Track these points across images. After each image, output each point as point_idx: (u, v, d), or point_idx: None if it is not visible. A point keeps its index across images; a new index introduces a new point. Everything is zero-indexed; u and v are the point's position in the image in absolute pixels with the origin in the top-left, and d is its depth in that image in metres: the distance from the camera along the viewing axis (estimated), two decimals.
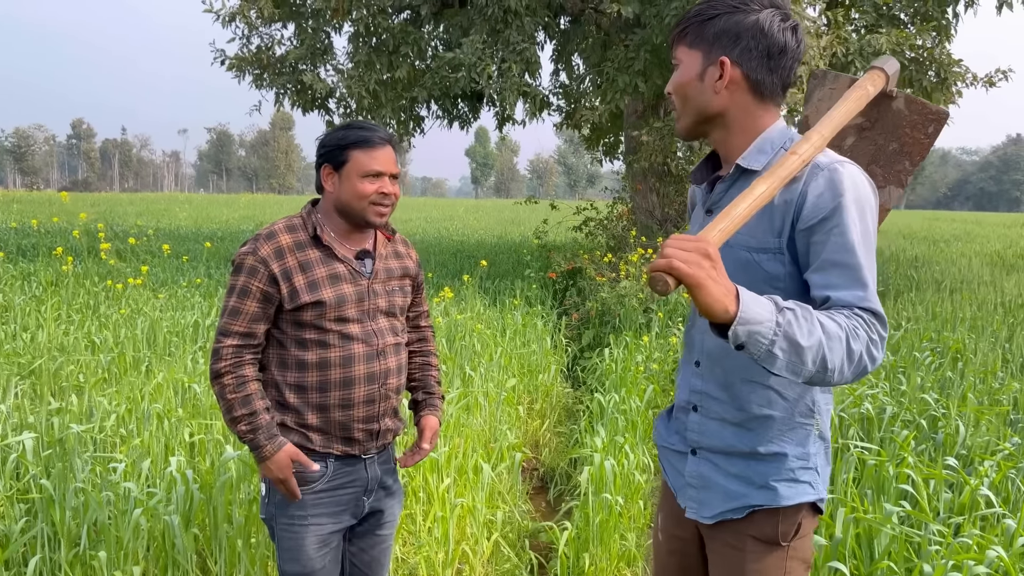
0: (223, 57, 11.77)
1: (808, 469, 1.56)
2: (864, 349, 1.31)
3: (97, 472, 3.45)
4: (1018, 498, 3.28)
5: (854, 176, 1.43)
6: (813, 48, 9.09)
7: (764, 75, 1.49)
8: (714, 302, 1.21)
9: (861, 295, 1.36)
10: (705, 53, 1.50)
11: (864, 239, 1.40)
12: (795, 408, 1.54)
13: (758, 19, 1.47)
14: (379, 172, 2.07)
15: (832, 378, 1.30)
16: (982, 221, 40.34)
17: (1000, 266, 14.10)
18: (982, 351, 6.05)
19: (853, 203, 1.40)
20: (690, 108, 1.55)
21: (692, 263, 1.20)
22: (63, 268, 8.61)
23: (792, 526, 1.55)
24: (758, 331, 1.24)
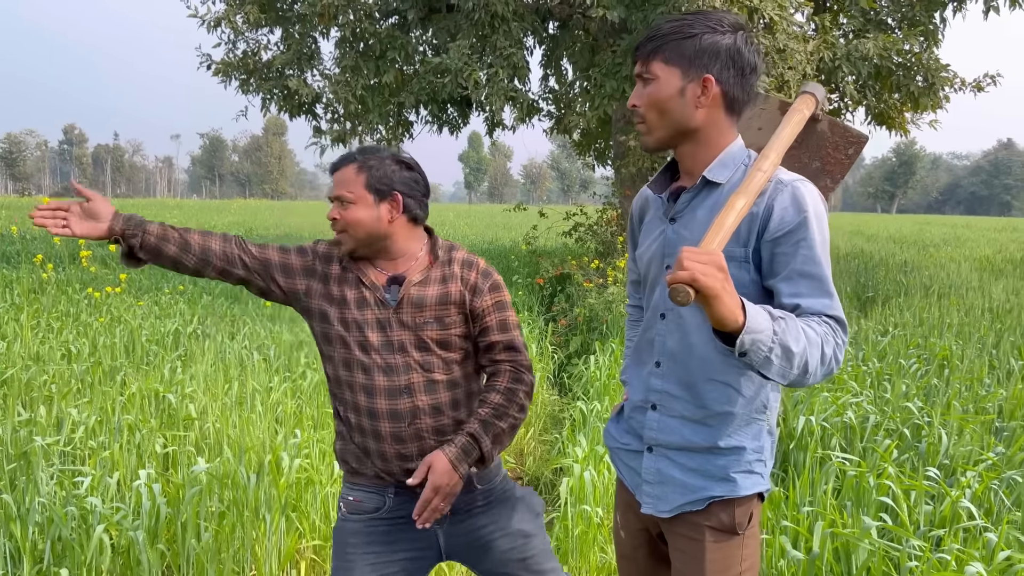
0: (209, 62, 11.69)
1: (761, 461, 1.68)
2: (832, 353, 1.43)
3: (63, 486, 3.38)
4: (1001, 510, 3.23)
5: (813, 193, 1.55)
6: (800, 53, 9.07)
7: (738, 92, 1.60)
8: (727, 312, 1.29)
9: (828, 303, 1.48)
10: (684, 70, 1.57)
11: (824, 251, 1.52)
12: (752, 405, 1.64)
13: (735, 40, 1.58)
14: (331, 197, 2.01)
15: (808, 380, 1.42)
16: (972, 225, 40.47)
17: (989, 271, 14.10)
18: (968, 358, 6.02)
19: (815, 218, 1.51)
20: (668, 122, 1.62)
21: (710, 275, 1.27)
22: (44, 276, 8.52)
23: (746, 515, 1.67)
24: (760, 339, 1.34)
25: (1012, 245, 22.09)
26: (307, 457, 3.68)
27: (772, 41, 8.69)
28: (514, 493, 2.16)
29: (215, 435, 3.91)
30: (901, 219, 58.80)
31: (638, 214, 1.88)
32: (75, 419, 4.02)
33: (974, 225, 40.74)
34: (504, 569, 2.10)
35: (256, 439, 3.83)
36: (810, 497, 3.35)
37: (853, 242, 23.57)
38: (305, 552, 3.39)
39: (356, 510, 2.05)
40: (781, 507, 3.33)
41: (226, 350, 5.87)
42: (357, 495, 2.05)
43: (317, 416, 4.39)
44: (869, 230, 32.73)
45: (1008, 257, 16.97)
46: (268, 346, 6.04)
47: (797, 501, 3.29)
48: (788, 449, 4.10)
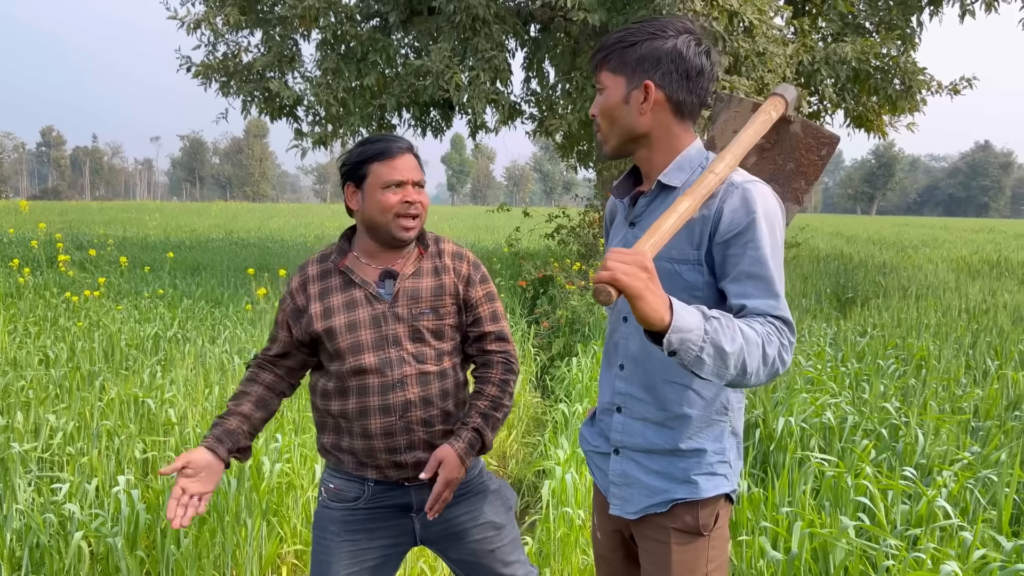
0: (189, 64, 11.62)
1: (723, 463, 1.68)
2: (776, 354, 1.43)
3: (41, 492, 3.35)
4: (976, 509, 3.27)
5: (765, 194, 1.55)
6: (780, 56, 9.14)
7: (684, 96, 1.60)
8: (651, 311, 1.30)
9: (773, 304, 1.48)
10: (628, 78, 1.60)
11: (774, 252, 1.52)
12: (711, 407, 1.66)
13: (676, 44, 1.58)
14: (401, 181, 1.98)
15: (749, 380, 1.41)
16: (950, 226, 40.91)
17: (966, 272, 14.27)
18: (945, 358, 6.09)
19: (764, 219, 1.52)
20: (617, 129, 1.65)
21: (632, 275, 1.29)
22: (20, 280, 8.43)
23: (711, 516, 1.68)
24: (689, 338, 1.33)
25: (988, 246, 22.36)
26: (288, 462, 3.66)
27: (752, 44, 8.76)
28: (489, 486, 2.21)
29: (195, 440, 3.89)
30: (880, 220, 59.35)
31: (609, 218, 1.94)
32: (53, 425, 3.99)
33: (952, 226, 41.19)
34: (473, 558, 2.16)
35: None
36: (789, 497, 3.38)
37: (833, 243, 23.77)
38: (286, 557, 3.38)
39: (336, 498, 2.09)
40: (760, 508, 3.35)
41: (206, 354, 5.83)
42: (337, 483, 2.09)
43: (298, 420, 4.37)
44: (848, 231, 33.01)
45: (984, 258, 17.17)
46: (249, 350, 6.01)
47: (776, 501, 3.32)
48: (768, 450, 4.14)
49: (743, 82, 8.80)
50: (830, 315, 8.70)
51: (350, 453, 2.06)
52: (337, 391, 2.04)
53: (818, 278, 12.35)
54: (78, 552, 2.90)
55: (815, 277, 12.49)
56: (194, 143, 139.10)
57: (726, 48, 8.66)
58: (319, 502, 2.14)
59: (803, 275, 12.76)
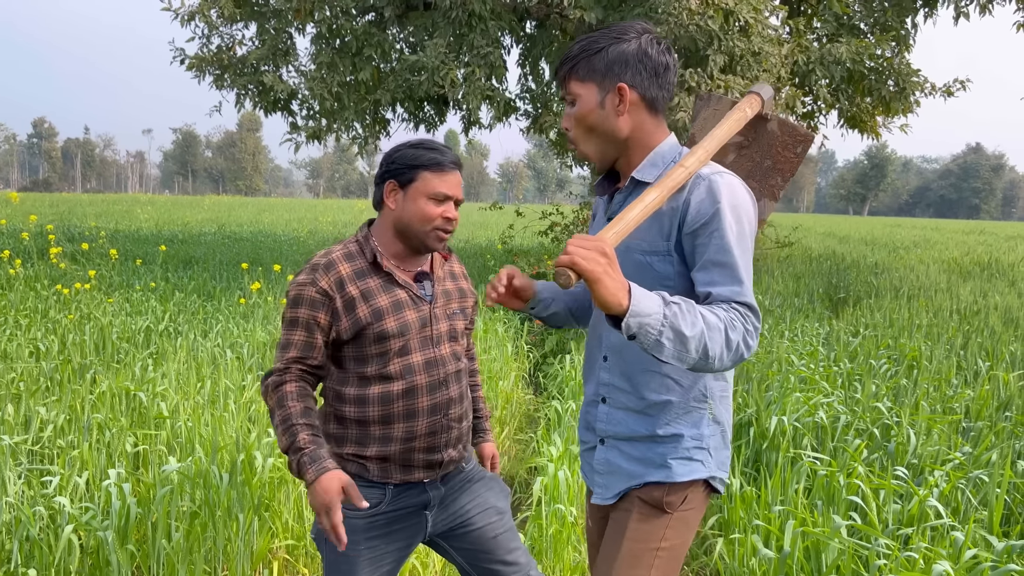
0: (183, 56, 11.55)
1: (701, 449, 1.72)
2: (741, 339, 1.47)
3: (31, 485, 3.32)
4: (968, 509, 3.28)
5: (732, 184, 1.60)
6: (775, 56, 9.16)
7: (656, 92, 1.66)
8: (609, 295, 1.36)
9: (737, 290, 1.52)
10: (599, 83, 1.65)
11: (739, 240, 1.56)
12: (689, 394, 1.70)
13: (640, 44, 1.64)
14: (447, 196, 2.00)
15: (713, 365, 1.46)
16: (941, 228, 41.09)
17: (957, 273, 14.33)
18: (937, 358, 6.11)
19: (729, 209, 1.56)
20: (596, 136, 1.69)
21: (591, 260, 1.35)
22: (11, 272, 8.38)
23: (679, 497, 1.71)
24: (647, 322, 1.39)
25: (979, 248, 22.47)
26: (280, 456, 3.65)
27: (747, 44, 8.77)
28: (486, 474, 2.27)
29: (187, 434, 3.87)
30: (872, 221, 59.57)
31: (593, 215, 2.01)
32: (43, 417, 3.96)
33: (943, 228, 41.38)
34: (479, 546, 2.17)
35: (228, 438, 3.79)
36: (782, 496, 3.39)
37: (825, 243, 23.85)
38: (278, 552, 3.37)
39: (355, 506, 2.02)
40: (753, 506, 3.36)
41: (198, 348, 5.81)
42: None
43: None
44: (841, 232, 33.12)
45: (976, 259, 17.25)
46: (241, 344, 5.99)
47: (769, 500, 3.33)
48: (760, 449, 4.15)
49: (738, 81, 8.81)
50: (822, 315, 8.73)
51: (378, 459, 2.03)
52: (380, 396, 2.00)
53: (811, 278, 12.39)
54: (68, 545, 2.88)
55: (807, 277, 12.52)
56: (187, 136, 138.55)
57: (721, 47, 8.66)
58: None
59: (796, 275, 12.79)
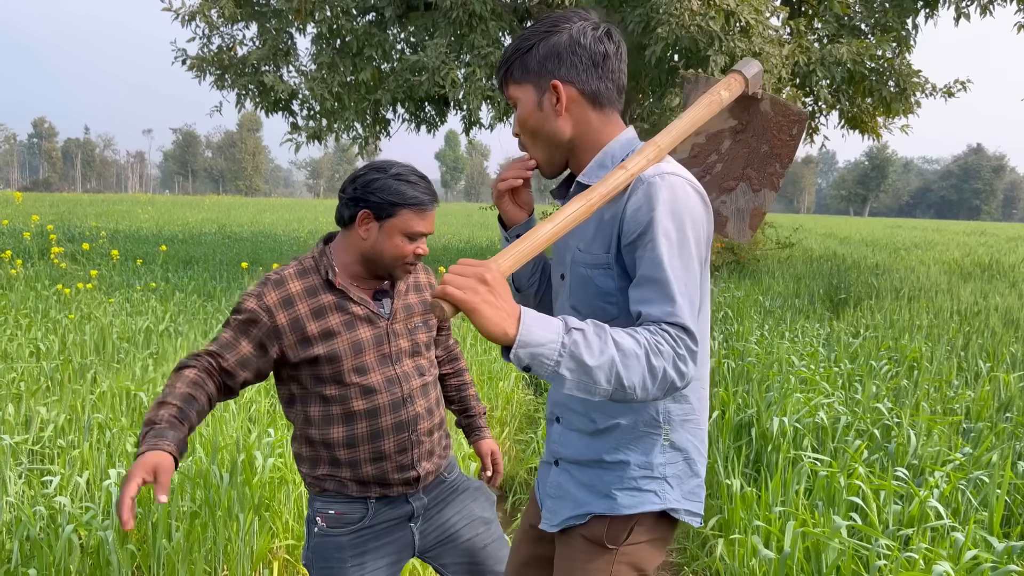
0: (184, 57, 11.56)
1: (654, 479, 1.55)
2: (669, 364, 1.30)
3: (31, 485, 3.33)
4: (968, 510, 3.28)
5: (674, 187, 1.41)
6: (775, 57, 9.16)
7: (597, 84, 1.50)
8: (491, 326, 1.22)
9: (669, 310, 1.34)
10: (535, 83, 1.51)
11: (680, 251, 1.39)
12: (639, 418, 1.54)
13: (571, 34, 1.48)
14: (423, 234, 1.96)
15: (635, 395, 1.30)
16: (942, 229, 41.09)
17: (958, 274, 14.33)
18: (937, 359, 6.11)
19: (667, 216, 1.39)
20: (541, 141, 1.55)
21: (467, 288, 1.22)
22: (12, 272, 8.38)
23: (622, 531, 1.56)
24: (541, 353, 1.24)
25: (980, 249, 22.47)
26: (280, 456, 3.65)
27: (748, 44, 8.77)
28: (471, 484, 2.23)
29: None
30: (873, 222, 59.56)
31: None
32: (44, 417, 3.97)
33: (944, 229, 41.36)
34: (468, 558, 2.15)
35: (229, 438, 3.79)
36: (782, 497, 3.38)
37: (826, 244, 23.85)
38: (278, 552, 3.37)
39: (339, 523, 2.01)
40: (753, 507, 3.36)
41: (199, 348, 5.80)
42: (339, 508, 2.02)
43: None
44: (841, 233, 33.12)
45: (976, 260, 17.25)
46: None
47: (769, 501, 3.32)
48: (761, 450, 4.15)
49: None
50: (823, 316, 8.73)
51: (354, 481, 2.00)
52: (342, 417, 1.96)
53: (811, 279, 12.39)
54: (68, 545, 2.88)
55: (808, 278, 12.52)
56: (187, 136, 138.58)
57: (722, 48, 8.66)
58: (316, 532, 2.04)
59: (796, 275, 12.79)
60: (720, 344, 6.56)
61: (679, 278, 1.36)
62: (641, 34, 9.00)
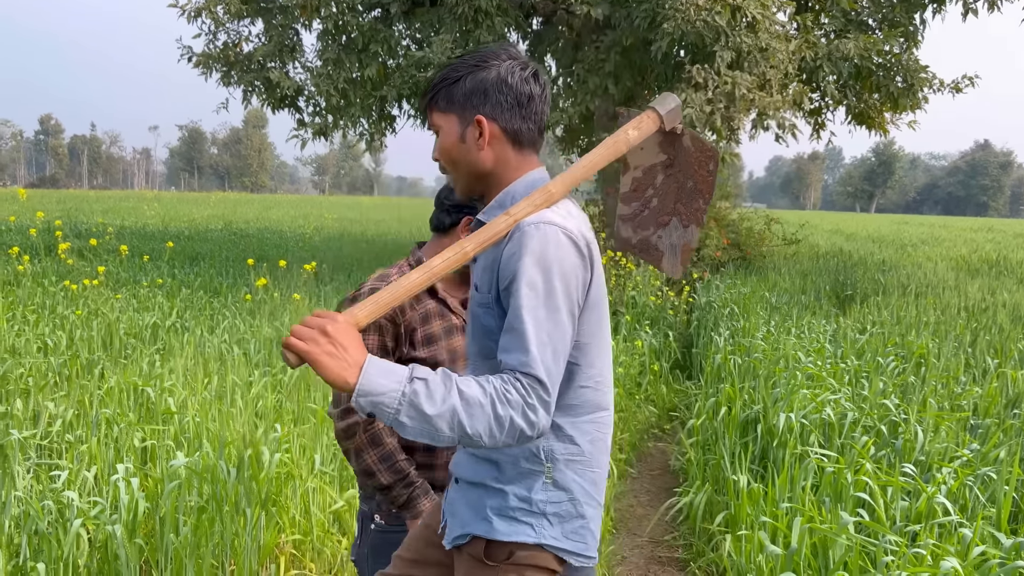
0: (190, 54, 11.57)
1: (533, 513, 1.57)
2: (517, 413, 1.34)
3: (39, 479, 3.34)
4: (976, 506, 3.27)
5: (546, 235, 1.43)
6: (782, 52, 9.13)
7: (519, 124, 1.54)
8: (331, 376, 1.30)
9: (524, 360, 1.37)
10: (460, 115, 1.54)
11: (546, 301, 1.41)
12: (520, 453, 1.56)
13: (499, 73, 1.52)
14: None
15: (483, 442, 1.34)
16: (949, 225, 40.92)
17: (965, 270, 14.27)
18: (945, 356, 6.08)
19: (533, 265, 1.41)
20: (461, 170, 1.58)
21: (309, 340, 1.30)
22: (19, 268, 8.41)
23: (503, 552, 1.58)
24: (381, 401, 1.31)
25: (988, 245, 22.38)
26: (287, 452, 3.66)
27: (755, 40, 8.74)
28: None
29: (194, 429, 3.88)
30: (880, 218, 59.37)
31: None
32: (52, 412, 3.98)
33: (951, 225, 41.20)
34: None
35: (236, 433, 3.80)
36: (789, 493, 3.38)
37: (832, 241, 23.79)
38: (284, 547, 3.38)
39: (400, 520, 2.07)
40: (760, 503, 3.36)
41: (205, 344, 5.82)
42: None
43: (297, 411, 4.36)
44: (848, 229, 33.02)
45: (984, 257, 17.18)
46: (248, 340, 6.00)
47: (776, 497, 3.32)
48: (768, 446, 4.14)
49: (745, 77, 8.79)
50: (829, 312, 8.70)
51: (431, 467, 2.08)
52: None
53: (817, 275, 12.36)
54: (77, 539, 2.89)
55: (814, 274, 12.49)
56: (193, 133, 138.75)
57: (729, 43, 8.63)
58: (374, 530, 2.10)
59: (802, 272, 12.76)
60: (726, 340, 6.55)
61: (541, 328, 1.39)
62: (647, 29, 8.97)
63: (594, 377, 1.56)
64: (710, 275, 12.08)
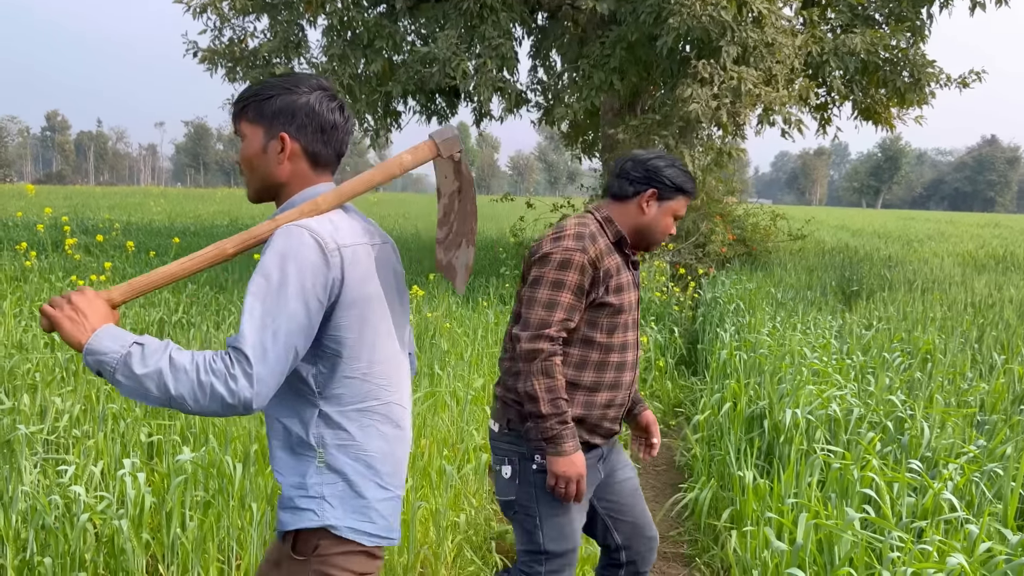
0: (195, 49, 11.58)
1: (312, 498, 1.67)
2: (220, 382, 1.47)
3: (46, 474, 3.35)
4: (982, 503, 3.26)
5: (290, 235, 1.58)
6: (788, 47, 9.09)
7: (320, 148, 1.71)
8: (68, 337, 1.48)
9: (237, 337, 1.52)
10: (266, 129, 1.70)
11: (278, 290, 1.54)
12: (291, 438, 1.68)
13: (309, 100, 1.69)
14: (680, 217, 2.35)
15: (187, 405, 1.47)
16: (956, 221, 40.78)
17: (972, 266, 14.23)
18: (951, 352, 6.07)
19: (273, 258, 1.56)
20: (256, 177, 1.74)
21: (56, 306, 1.49)
22: (26, 263, 8.44)
23: (307, 545, 1.68)
24: (104, 360, 1.46)
25: (995, 241, 22.30)
26: None
27: (760, 35, 8.71)
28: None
29: (200, 424, 3.89)
30: (886, 214, 59.20)
31: None
32: (59, 407, 3.99)
33: (957, 221, 41.05)
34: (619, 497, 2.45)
35: (242, 428, 3.81)
36: (795, 489, 3.38)
37: (838, 236, 23.73)
38: None
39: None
40: (766, 499, 3.36)
41: (211, 339, 5.83)
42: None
43: None
44: (854, 225, 32.93)
45: (991, 252, 17.13)
46: None
47: (782, 493, 3.32)
48: (774, 442, 4.14)
49: (751, 73, 8.76)
50: (835, 308, 8.68)
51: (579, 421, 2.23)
52: (596, 364, 2.23)
53: (823, 271, 12.33)
54: (83, 534, 2.91)
55: (820, 270, 12.46)
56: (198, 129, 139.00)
57: (735, 38, 8.60)
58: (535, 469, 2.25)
59: (808, 267, 12.73)
60: (732, 336, 6.54)
61: (267, 313, 1.52)
62: (652, 24, 8.94)
63: (361, 369, 1.67)
64: (716, 271, 12.06)
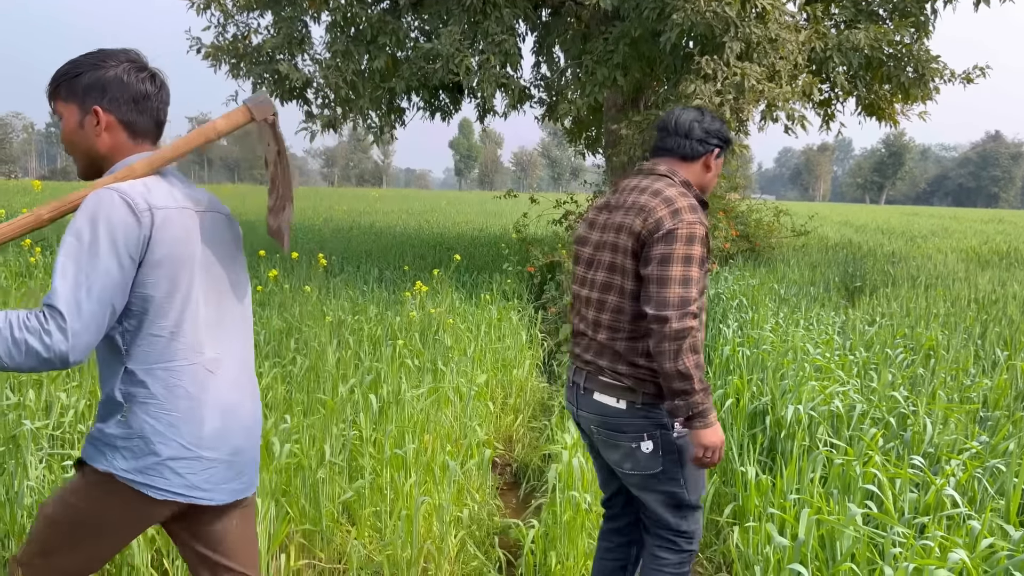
0: (199, 45, 11.58)
1: (107, 445, 1.79)
2: (34, 338, 1.56)
3: (52, 469, 3.37)
4: (984, 498, 3.27)
5: (100, 197, 1.67)
6: (792, 43, 9.07)
7: (135, 117, 1.82)
8: None
9: (50, 295, 1.60)
10: (80, 105, 1.79)
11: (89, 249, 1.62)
12: (105, 390, 1.81)
13: (117, 72, 1.79)
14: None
15: (2, 362, 1.56)
16: (960, 216, 40.67)
17: (975, 262, 14.20)
18: (954, 348, 6.07)
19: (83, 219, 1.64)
20: (79, 153, 1.83)
21: None
22: (31, 260, 8.47)
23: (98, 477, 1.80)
24: None
25: (998, 237, 22.24)
26: (297, 443, 3.68)
27: (764, 31, 8.69)
28: None
29: None
30: (889, 210, 59.07)
31: None
32: (64, 403, 4.01)
33: (961, 216, 40.95)
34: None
35: None
36: (797, 485, 3.38)
37: (841, 232, 23.69)
38: (294, 537, 3.41)
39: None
40: (768, 495, 3.36)
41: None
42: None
43: (307, 402, 4.39)
44: (858, 221, 32.87)
45: (994, 248, 17.09)
46: (257, 332, 6.03)
47: (784, 488, 3.32)
48: (776, 437, 4.14)
49: (755, 68, 8.74)
50: (838, 304, 8.68)
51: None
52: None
53: (827, 267, 12.31)
54: None
55: (823, 266, 12.45)
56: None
57: (738, 34, 8.58)
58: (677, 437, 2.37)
59: (812, 263, 12.72)
60: (735, 332, 6.55)
61: (80, 270, 1.60)
62: (656, 20, 8.92)
63: (168, 328, 1.75)
64: (719, 266, 12.05)
